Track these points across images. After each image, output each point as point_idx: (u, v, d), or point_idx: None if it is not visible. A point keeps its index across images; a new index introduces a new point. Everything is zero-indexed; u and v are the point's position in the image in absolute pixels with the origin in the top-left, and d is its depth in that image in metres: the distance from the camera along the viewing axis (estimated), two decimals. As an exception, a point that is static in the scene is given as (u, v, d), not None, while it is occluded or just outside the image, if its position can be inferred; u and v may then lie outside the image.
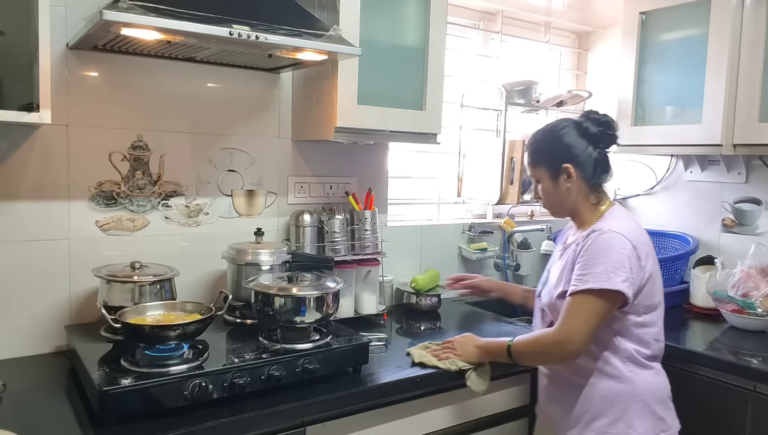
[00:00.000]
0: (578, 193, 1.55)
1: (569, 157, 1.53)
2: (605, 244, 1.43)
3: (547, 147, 1.56)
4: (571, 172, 1.53)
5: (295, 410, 1.37)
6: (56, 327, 1.67)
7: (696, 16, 2.24)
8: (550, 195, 1.59)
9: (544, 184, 1.58)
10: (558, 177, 1.54)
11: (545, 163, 1.56)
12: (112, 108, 1.72)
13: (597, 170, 1.54)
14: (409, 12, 1.91)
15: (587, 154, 1.53)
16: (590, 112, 1.57)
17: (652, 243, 1.53)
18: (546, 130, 1.59)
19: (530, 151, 1.61)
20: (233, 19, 1.41)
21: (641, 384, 1.47)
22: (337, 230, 1.99)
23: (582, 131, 1.54)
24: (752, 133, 2.12)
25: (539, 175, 1.59)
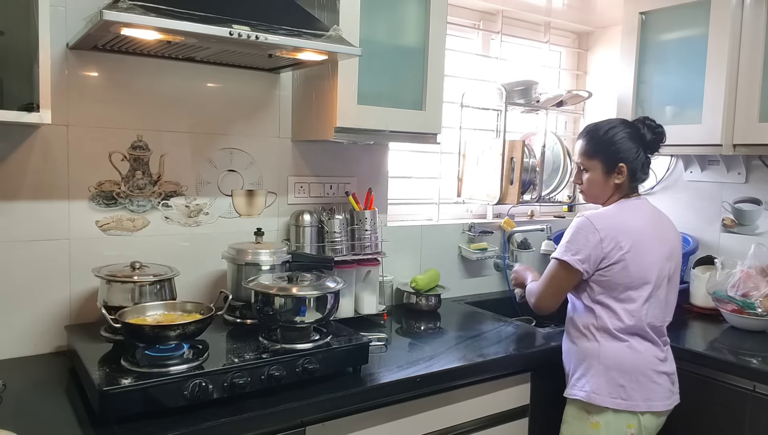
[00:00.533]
0: (620, 189, 1.73)
1: (626, 158, 1.70)
2: (575, 225, 1.68)
3: (609, 143, 1.71)
4: (624, 171, 1.70)
5: (295, 410, 1.37)
6: (56, 327, 1.67)
7: (696, 16, 2.24)
8: (596, 186, 1.75)
9: (594, 175, 1.74)
10: (611, 172, 1.72)
11: (603, 157, 1.72)
12: (112, 108, 1.72)
13: (641, 172, 1.73)
14: (409, 12, 1.91)
15: (639, 158, 1.71)
16: (646, 118, 1.75)
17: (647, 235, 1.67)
18: (610, 126, 1.74)
19: (591, 142, 1.75)
20: (233, 19, 1.41)
21: (607, 350, 1.65)
22: (337, 230, 1.99)
23: (639, 136, 1.71)
24: (752, 133, 2.12)
25: (592, 166, 1.74)
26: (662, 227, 1.74)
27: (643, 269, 1.64)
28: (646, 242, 1.65)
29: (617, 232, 1.64)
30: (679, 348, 1.93)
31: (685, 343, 1.99)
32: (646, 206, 1.76)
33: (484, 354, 1.78)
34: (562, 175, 2.70)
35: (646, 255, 1.65)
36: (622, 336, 1.65)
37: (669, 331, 2.14)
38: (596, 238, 1.63)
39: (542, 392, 1.86)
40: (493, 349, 1.82)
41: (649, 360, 1.66)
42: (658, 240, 1.69)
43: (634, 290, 1.65)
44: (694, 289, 2.37)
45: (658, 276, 1.67)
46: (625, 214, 1.69)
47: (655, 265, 1.66)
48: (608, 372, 1.64)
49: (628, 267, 1.63)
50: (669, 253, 1.71)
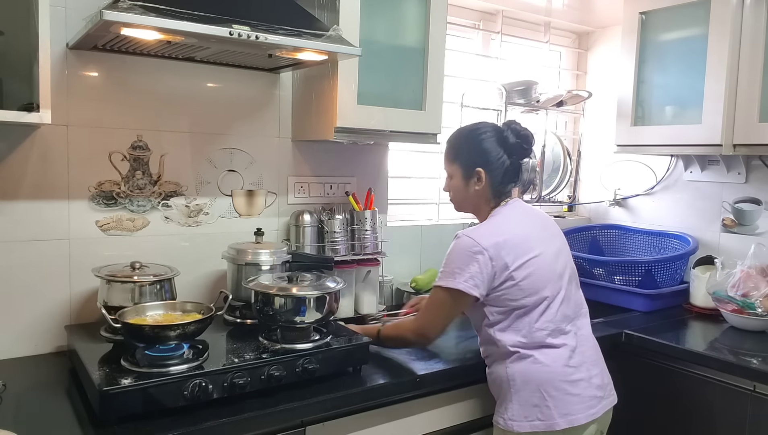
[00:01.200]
0: (482, 196, 1.64)
1: (484, 162, 1.61)
2: (457, 247, 1.55)
3: (467, 147, 1.64)
4: (482, 176, 1.62)
5: (295, 410, 1.37)
6: (56, 327, 1.67)
7: (696, 16, 2.24)
8: (458, 192, 1.68)
9: (455, 181, 1.67)
10: (470, 178, 1.63)
11: (461, 162, 1.65)
12: (112, 108, 1.72)
13: (505, 178, 1.63)
14: (408, 12, 1.91)
15: (500, 162, 1.62)
16: (512, 122, 1.66)
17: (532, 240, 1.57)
18: (469, 130, 1.67)
19: (449, 147, 1.69)
20: (233, 19, 1.41)
21: (512, 371, 1.54)
22: (337, 230, 1.99)
23: (501, 139, 1.62)
24: (752, 133, 2.12)
25: (453, 171, 1.68)
26: (544, 226, 1.66)
27: (536, 278, 1.54)
28: (532, 248, 1.55)
29: (502, 247, 1.52)
30: (679, 348, 1.93)
31: (685, 343, 1.99)
32: (522, 209, 1.66)
33: (484, 354, 1.78)
34: (562, 175, 2.70)
35: (536, 262, 1.54)
36: (525, 352, 1.53)
37: (668, 330, 2.14)
38: (485, 258, 1.50)
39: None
40: (493, 349, 1.82)
41: (557, 371, 1.53)
42: (543, 242, 1.60)
43: (529, 304, 1.54)
44: (694, 289, 2.37)
45: (555, 280, 1.57)
46: (505, 224, 1.59)
47: (547, 270, 1.56)
48: (519, 395, 1.52)
49: (519, 282, 1.52)
50: (557, 251, 1.63)
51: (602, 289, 2.46)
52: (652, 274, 2.36)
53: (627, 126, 2.46)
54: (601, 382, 1.59)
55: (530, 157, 1.68)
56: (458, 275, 1.52)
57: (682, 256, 2.44)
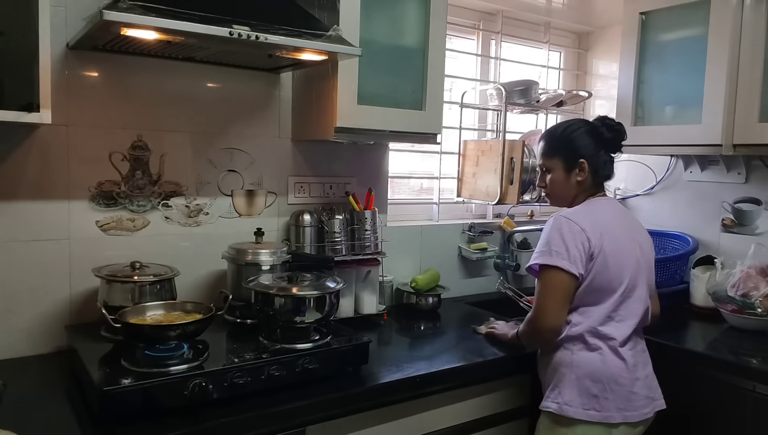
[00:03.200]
0: (581, 187, 1.69)
1: (585, 154, 1.67)
2: (554, 225, 1.60)
3: (567, 140, 1.69)
4: (585, 167, 1.66)
5: (295, 410, 1.37)
6: (56, 327, 1.67)
7: (696, 16, 2.24)
8: (559, 185, 1.71)
9: (556, 174, 1.71)
10: (572, 170, 1.68)
11: (563, 154, 1.69)
12: (112, 108, 1.72)
13: (603, 170, 1.70)
14: (408, 12, 1.91)
15: (599, 155, 1.68)
16: (605, 118, 1.72)
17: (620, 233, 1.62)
18: (567, 124, 1.72)
19: (550, 142, 1.73)
20: (233, 19, 1.41)
21: (579, 359, 1.57)
22: (337, 230, 1.99)
23: (597, 135, 1.68)
24: (752, 133, 2.12)
25: (553, 165, 1.71)
26: (632, 226, 1.70)
27: (619, 268, 1.58)
28: (620, 239, 1.61)
29: (595, 227, 1.58)
30: (679, 348, 1.93)
31: (685, 343, 1.99)
32: (615, 204, 1.74)
33: (483, 354, 1.78)
34: (562, 175, 2.70)
35: (621, 253, 1.59)
36: (595, 343, 1.57)
37: (668, 331, 2.14)
38: (582, 237, 1.56)
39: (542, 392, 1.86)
40: (492, 350, 1.82)
41: (623, 367, 1.57)
42: (629, 238, 1.64)
43: (609, 293, 1.58)
44: (694, 289, 2.37)
45: (632, 277, 1.60)
46: (597, 211, 1.64)
47: (628, 265, 1.60)
48: (581, 382, 1.55)
49: (608, 265, 1.56)
50: (640, 252, 1.65)
51: (602, 289, 2.46)
52: (652, 274, 2.36)
53: (627, 126, 2.41)
54: (653, 384, 1.65)
55: (621, 151, 1.74)
56: (557, 254, 1.55)
57: (682, 256, 2.44)
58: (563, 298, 1.57)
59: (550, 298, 1.58)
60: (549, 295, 1.58)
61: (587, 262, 1.56)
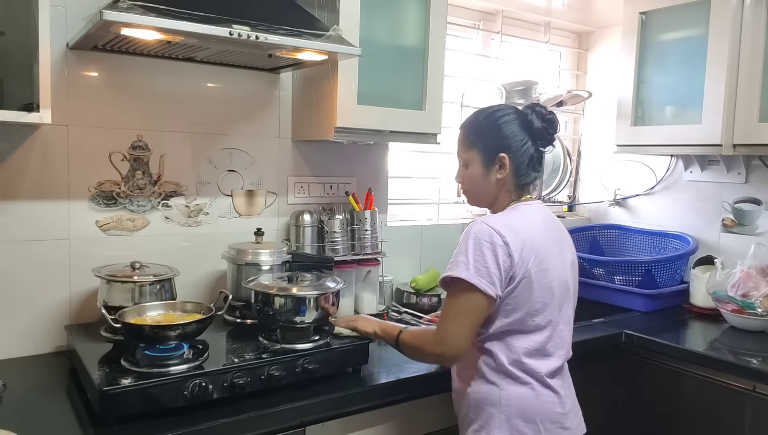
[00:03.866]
0: (503, 186, 1.44)
1: (507, 147, 1.42)
2: (472, 233, 1.34)
3: (489, 131, 1.44)
4: (506, 163, 1.42)
5: (295, 410, 1.37)
6: (56, 327, 1.67)
7: (696, 16, 2.24)
8: (476, 181, 1.47)
9: (473, 169, 1.46)
10: (491, 165, 1.43)
11: (482, 147, 1.44)
12: (112, 108, 1.72)
13: (529, 167, 1.44)
14: (408, 12, 1.91)
15: (525, 149, 1.43)
16: (536, 105, 1.47)
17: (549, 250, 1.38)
18: (489, 112, 1.47)
19: (467, 131, 1.48)
20: (233, 19, 1.41)
21: (508, 395, 1.35)
22: (337, 230, 1.99)
23: (525, 124, 1.44)
24: (752, 133, 2.12)
25: (470, 158, 1.46)
26: (562, 239, 1.46)
27: (547, 292, 1.36)
28: (549, 258, 1.37)
29: (520, 242, 1.33)
30: (679, 348, 1.93)
31: (685, 343, 1.99)
32: (544, 212, 1.47)
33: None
34: (562, 175, 2.70)
35: (550, 274, 1.36)
36: (523, 377, 1.35)
37: (668, 330, 2.15)
38: (504, 252, 1.30)
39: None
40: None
41: (556, 401, 1.38)
42: (559, 256, 1.41)
43: (535, 320, 1.36)
44: (694, 289, 2.37)
45: (560, 301, 1.39)
46: (523, 220, 1.38)
47: (557, 288, 1.38)
48: (512, 423, 1.34)
49: (533, 289, 1.33)
50: (571, 271, 1.45)
51: (602, 289, 2.46)
52: (652, 274, 2.36)
53: (627, 126, 2.46)
54: (579, 412, 1.47)
55: (553, 146, 1.51)
56: (474, 269, 1.31)
57: (682, 256, 2.44)
58: (474, 321, 1.33)
59: (458, 320, 1.33)
60: (458, 317, 1.33)
61: (507, 284, 1.32)
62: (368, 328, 1.57)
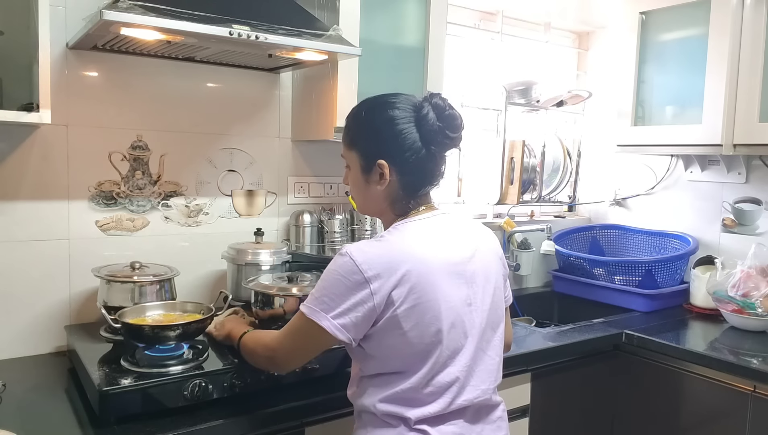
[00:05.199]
0: (385, 199, 1.20)
1: (389, 152, 1.16)
2: (336, 268, 1.11)
3: (368, 129, 1.19)
4: (385, 172, 1.16)
5: (295, 410, 1.37)
6: (56, 327, 1.67)
7: (696, 16, 2.24)
8: (357, 189, 1.24)
9: (353, 174, 1.23)
10: (369, 172, 1.18)
11: (360, 148, 1.20)
12: (112, 108, 1.72)
13: (418, 177, 1.18)
14: (409, 12, 1.91)
15: (412, 153, 1.15)
16: (435, 96, 1.18)
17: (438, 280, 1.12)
18: (374, 104, 1.21)
19: (349, 127, 1.24)
20: (233, 19, 1.41)
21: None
22: (337, 230, 1.99)
23: (419, 120, 1.16)
24: (752, 133, 2.12)
25: (350, 159, 1.23)
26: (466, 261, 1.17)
27: (428, 329, 1.11)
28: (435, 287, 1.11)
29: (394, 274, 1.09)
30: (679, 348, 1.93)
31: (685, 343, 1.98)
32: (437, 228, 1.18)
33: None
34: (562, 175, 2.70)
35: (435, 308, 1.11)
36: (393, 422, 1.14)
37: (669, 330, 2.14)
38: (365, 292, 1.08)
39: (542, 392, 1.86)
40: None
41: None
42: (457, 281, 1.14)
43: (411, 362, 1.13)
44: (694, 289, 2.37)
45: (453, 339, 1.13)
46: (403, 245, 1.12)
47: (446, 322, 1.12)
48: None
49: (407, 330, 1.10)
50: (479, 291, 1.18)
51: (602, 289, 2.46)
52: (652, 274, 2.36)
53: (627, 126, 2.46)
54: None
55: (458, 149, 1.23)
56: (326, 306, 1.10)
57: (682, 256, 2.44)
58: (315, 353, 1.20)
59: (300, 350, 1.19)
60: (300, 347, 1.18)
61: (370, 325, 1.11)
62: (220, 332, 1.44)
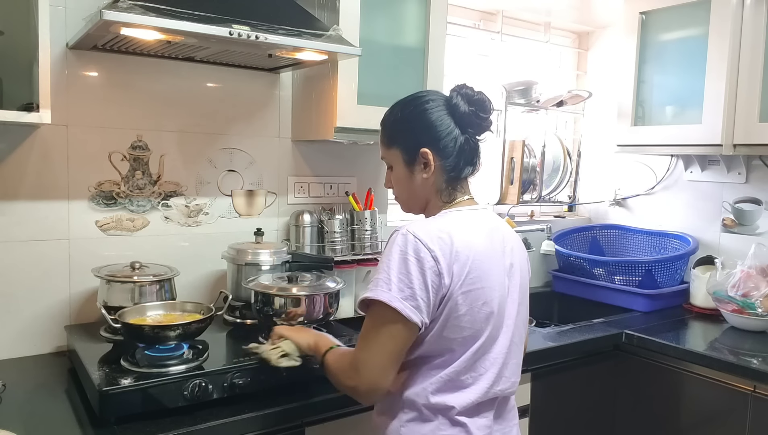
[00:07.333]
0: (432, 187, 1.23)
1: (429, 139, 1.20)
2: (396, 244, 1.12)
3: (406, 124, 1.23)
4: (429, 158, 1.20)
5: (294, 410, 1.37)
6: (56, 327, 1.67)
7: (696, 16, 2.24)
8: (403, 185, 1.26)
9: (397, 171, 1.26)
10: (413, 164, 1.22)
11: (401, 143, 1.24)
12: (111, 108, 1.72)
13: (460, 161, 1.22)
14: (409, 12, 1.91)
15: (452, 139, 1.20)
16: (462, 86, 1.24)
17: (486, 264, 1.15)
18: (406, 101, 1.27)
19: (386, 127, 1.28)
20: (233, 19, 1.41)
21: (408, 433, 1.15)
22: (337, 230, 1.99)
23: (450, 109, 1.22)
24: (752, 133, 2.12)
25: (392, 158, 1.26)
26: (506, 252, 1.22)
27: (478, 314, 1.14)
28: (486, 274, 1.14)
29: (452, 255, 1.11)
30: (679, 348, 1.93)
31: (685, 343, 1.98)
32: (481, 219, 1.23)
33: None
34: (562, 175, 2.70)
35: (484, 293, 1.14)
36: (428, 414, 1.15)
37: (668, 330, 2.14)
38: (434, 270, 1.09)
39: (542, 392, 1.86)
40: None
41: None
42: (498, 269, 1.18)
43: (457, 348, 1.14)
44: (694, 289, 2.37)
45: (495, 325, 1.16)
46: (456, 228, 1.15)
47: (491, 308, 1.15)
48: None
49: (461, 312, 1.12)
50: (517, 285, 1.23)
51: (602, 289, 2.46)
52: (652, 274, 2.36)
53: (627, 126, 2.46)
54: None
55: (490, 131, 1.27)
56: (394, 287, 1.09)
57: (682, 256, 2.44)
58: (395, 351, 1.11)
59: (376, 349, 1.11)
60: (376, 345, 1.11)
61: (436, 307, 1.11)
62: (302, 340, 1.34)
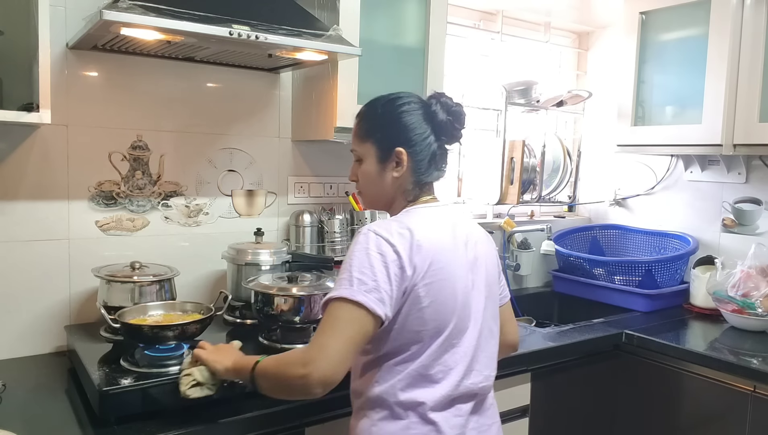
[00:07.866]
0: (400, 187, 1.26)
1: (405, 140, 1.24)
2: (358, 243, 1.14)
3: (384, 121, 1.27)
4: (403, 159, 1.24)
5: (294, 410, 1.37)
6: (56, 327, 1.67)
7: (696, 16, 2.24)
8: (370, 180, 1.29)
9: (367, 166, 1.28)
10: (386, 161, 1.25)
11: (377, 139, 1.27)
12: (111, 108, 1.72)
13: (430, 165, 1.26)
14: (409, 12, 1.91)
15: (426, 144, 1.24)
16: (441, 94, 1.29)
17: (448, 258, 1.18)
18: (388, 100, 1.30)
19: (361, 121, 1.31)
20: (233, 19, 1.41)
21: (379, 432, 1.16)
22: (337, 230, 1.99)
23: (428, 115, 1.26)
24: (752, 133, 2.12)
25: (364, 152, 1.29)
26: (469, 246, 1.25)
27: (442, 307, 1.16)
28: (447, 268, 1.16)
29: (414, 250, 1.13)
30: (679, 348, 1.93)
31: (685, 343, 1.98)
32: (443, 215, 1.26)
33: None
34: (562, 175, 2.70)
35: (447, 286, 1.16)
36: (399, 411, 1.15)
37: (668, 330, 2.14)
38: (396, 264, 1.11)
39: (542, 392, 1.86)
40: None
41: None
42: (461, 263, 1.20)
43: (421, 342, 1.15)
44: (694, 289, 2.37)
45: (460, 318, 1.18)
46: (418, 225, 1.17)
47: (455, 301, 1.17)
48: None
49: (424, 306, 1.14)
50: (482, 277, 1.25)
51: (602, 289, 2.46)
52: (652, 274, 2.36)
53: (627, 126, 2.46)
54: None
55: (459, 143, 1.32)
56: (358, 281, 1.09)
57: (682, 256, 2.44)
58: (354, 339, 1.08)
59: (335, 335, 1.07)
60: (334, 331, 1.07)
61: (399, 299, 1.12)
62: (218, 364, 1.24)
